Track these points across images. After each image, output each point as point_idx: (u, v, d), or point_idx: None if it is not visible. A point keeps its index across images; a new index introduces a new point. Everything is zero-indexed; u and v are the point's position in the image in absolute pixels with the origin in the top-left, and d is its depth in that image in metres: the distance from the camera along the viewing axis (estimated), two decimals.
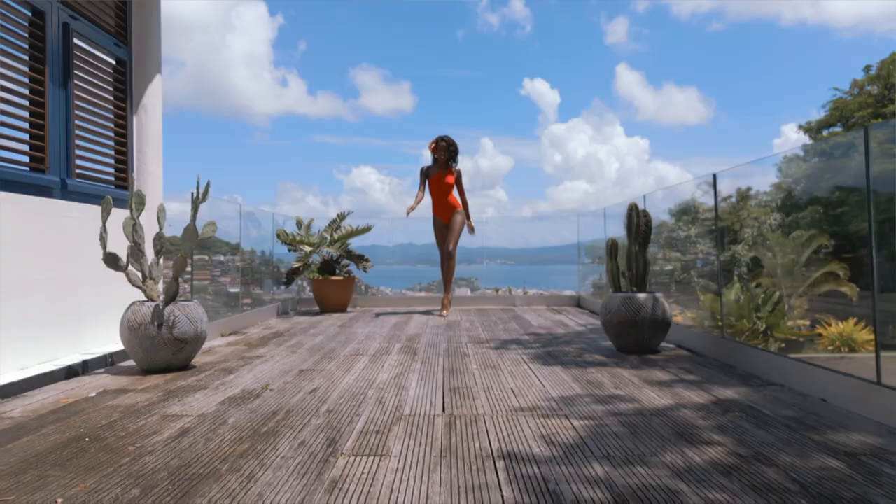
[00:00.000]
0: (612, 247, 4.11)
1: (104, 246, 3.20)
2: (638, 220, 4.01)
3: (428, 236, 6.52)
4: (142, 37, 4.39)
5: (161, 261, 3.47)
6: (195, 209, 3.37)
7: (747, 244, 21.32)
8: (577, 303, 7.32)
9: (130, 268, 3.37)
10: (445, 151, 6.33)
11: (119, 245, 3.50)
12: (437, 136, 6.38)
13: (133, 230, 3.31)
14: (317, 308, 6.94)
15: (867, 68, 24.15)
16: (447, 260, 6.27)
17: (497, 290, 13.33)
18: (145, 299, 3.39)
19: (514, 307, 7.27)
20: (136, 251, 3.34)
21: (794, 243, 14.76)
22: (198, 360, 3.70)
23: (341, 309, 6.78)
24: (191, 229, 3.35)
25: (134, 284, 3.32)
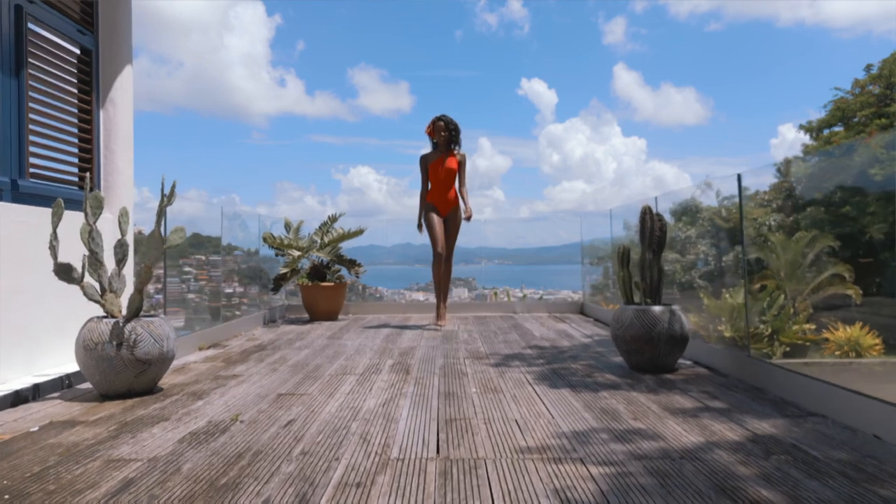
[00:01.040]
0: (624, 254, 3.76)
1: (55, 256, 2.83)
2: (652, 226, 3.66)
3: (426, 236, 6.06)
4: (110, 24, 4.02)
5: (123, 271, 3.11)
6: (160, 213, 3.01)
7: (750, 243, 21.01)
8: (581, 309, 6.97)
9: (88, 279, 3.01)
10: (445, 133, 5.55)
11: (80, 253, 3.13)
12: (433, 118, 5.62)
13: (89, 237, 2.95)
14: (306, 316, 6.57)
15: (868, 67, 23.86)
16: (443, 263, 5.53)
17: (496, 294, 13.01)
18: (104, 315, 3.03)
19: (514, 314, 6.92)
20: (93, 261, 2.97)
21: (797, 245, 14.42)
22: (167, 379, 3.34)
23: (332, 317, 6.42)
24: (156, 236, 2.99)
25: (90, 298, 2.95)
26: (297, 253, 6.29)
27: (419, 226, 5.62)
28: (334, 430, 2.39)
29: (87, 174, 3.00)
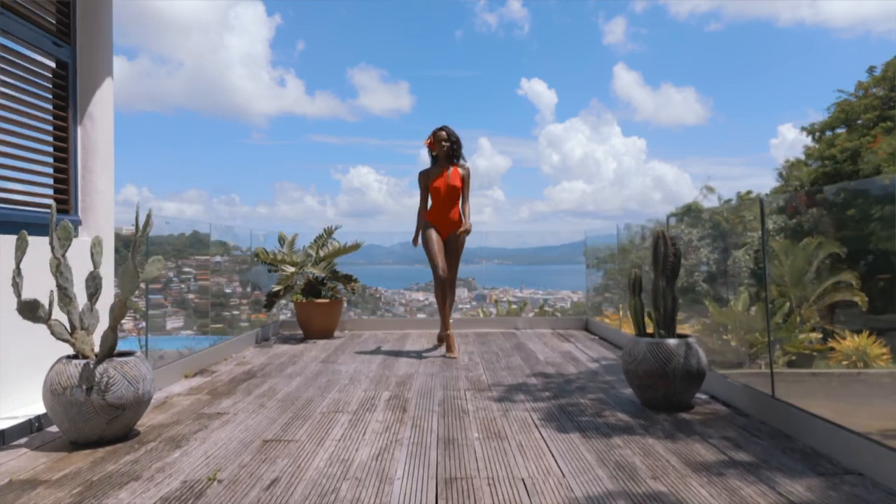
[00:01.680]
0: (635, 281, 3.53)
1: (18, 293, 2.59)
2: (665, 251, 3.43)
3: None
4: (89, 35, 3.78)
5: (96, 305, 2.87)
6: (135, 245, 2.77)
7: (751, 248, 20.72)
8: (585, 325, 6.73)
9: (58, 316, 2.77)
10: (447, 143, 5.11)
11: (54, 283, 2.89)
12: (434, 129, 5.16)
13: (57, 271, 2.71)
14: (300, 333, 6.33)
15: (871, 69, 23.61)
16: (446, 287, 5.02)
17: (496, 302, 12.78)
18: (75, 354, 2.79)
19: (516, 330, 6.68)
20: (62, 296, 2.74)
21: (803, 252, 14.13)
22: (145, 419, 3.10)
23: (328, 334, 6.18)
24: (130, 269, 2.75)
25: (58, 338, 2.72)
26: (291, 269, 6.05)
27: (414, 240, 5.25)
28: (322, 494, 2.15)
29: (54, 202, 2.75)
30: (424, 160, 5.35)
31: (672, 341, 3.22)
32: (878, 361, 11.86)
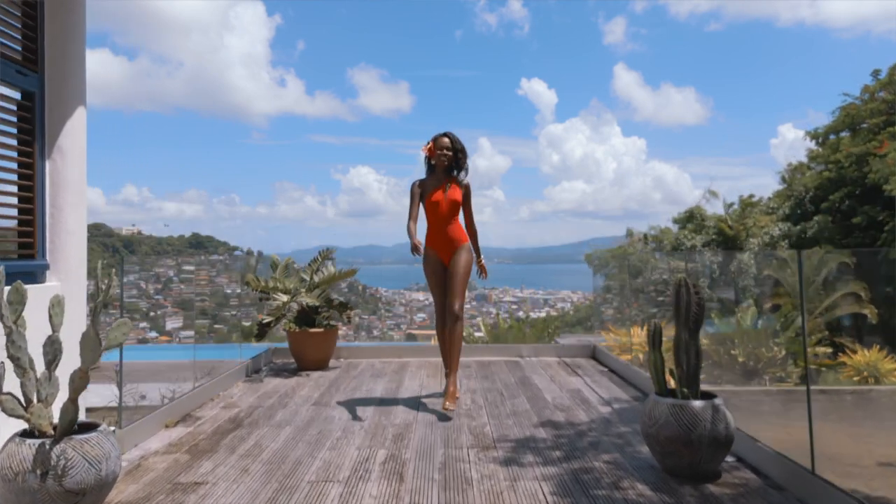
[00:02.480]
0: (655, 333, 3.22)
1: None
2: (689, 300, 3.12)
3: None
4: (59, 63, 3.48)
5: (56, 372, 2.56)
6: (96, 310, 2.46)
7: (753, 253, 20.32)
8: (592, 353, 6.42)
9: (10, 388, 2.46)
10: (450, 152, 4.40)
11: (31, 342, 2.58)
12: (435, 135, 4.46)
13: (10, 340, 2.40)
14: (293, 363, 6.02)
15: (875, 73, 23.27)
16: (449, 322, 4.30)
17: (497, 316, 12.39)
18: (30, 429, 2.49)
19: (520, 359, 6.36)
20: (16, 367, 2.43)
21: (810, 261, 13.74)
22: (113, 493, 2.80)
23: (322, 365, 5.87)
24: (91, 336, 2.45)
25: (10, 414, 2.41)
26: (283, 297, 5.74)
27: (414, 249, 4.24)
28: None
29: (2, 267, 2.44)
30: (423, 165, 4.59)
31: (697, 404, 2.92)
32: (891, 377, 11.54)
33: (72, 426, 2.48)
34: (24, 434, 2.48)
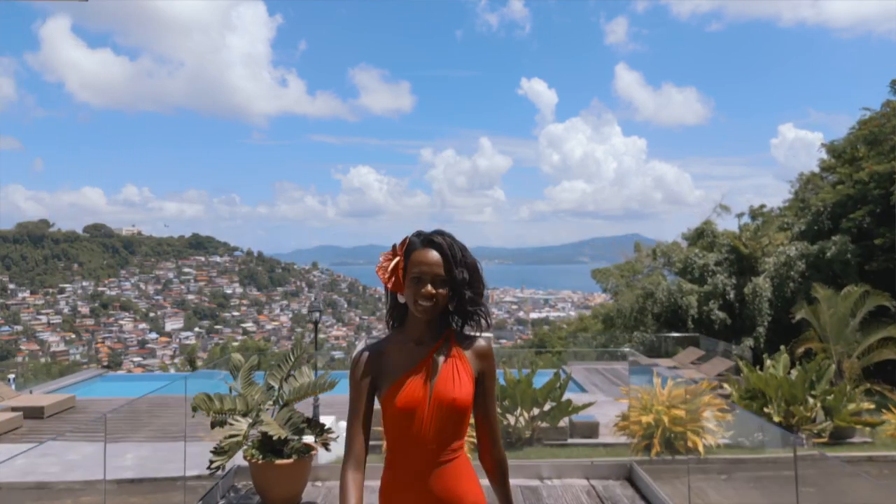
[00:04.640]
0: None
1: None
2: None
3: None
4: None
5: None
6: None
7: (769, 276, 19.08)
8: (628, 474, 5.21)
9: None
10: (442, 291, 1.94)
11: None
12: (407, 237, 2.05)
13: None
14: (257, 498, 4.83)
15: (893, 83, 22.17)
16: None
17: (505, 369, 11.14)
18: None
19: (539, 483, 5.16)
20: None
21: (845, 302, 12.43)
22: None
23: (293, 501, 4.68)
24: None
25: None
26: (243, 424, 4.52)
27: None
28: None
29: None
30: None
31: None
32: None
33: None
34: None
